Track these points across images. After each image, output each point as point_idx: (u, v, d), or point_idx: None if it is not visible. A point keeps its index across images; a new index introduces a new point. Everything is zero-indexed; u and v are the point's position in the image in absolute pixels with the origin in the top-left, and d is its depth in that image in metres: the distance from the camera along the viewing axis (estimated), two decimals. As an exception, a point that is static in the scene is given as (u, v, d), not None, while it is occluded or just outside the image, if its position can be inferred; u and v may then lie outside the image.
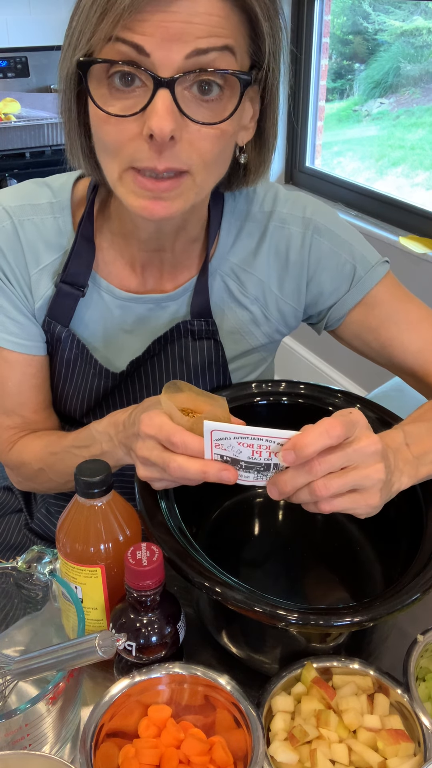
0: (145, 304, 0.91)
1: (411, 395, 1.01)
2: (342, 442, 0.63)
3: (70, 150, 0.81)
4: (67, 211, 0.89)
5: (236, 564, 0.82)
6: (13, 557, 0.74)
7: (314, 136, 2.79)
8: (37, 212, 0.89)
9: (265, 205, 0.93)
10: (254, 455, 0.65)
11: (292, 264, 0.92)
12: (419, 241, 2.24)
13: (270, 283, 0.93)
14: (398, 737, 0.62)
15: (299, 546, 0.85)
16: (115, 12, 0.64)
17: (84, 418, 0.97)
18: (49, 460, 0.89)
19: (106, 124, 0.71)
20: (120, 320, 0.92)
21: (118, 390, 0.95)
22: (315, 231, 0.91)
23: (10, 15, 2.78)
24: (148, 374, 0.94)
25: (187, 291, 0.92)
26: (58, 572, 0.73)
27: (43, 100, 2.81)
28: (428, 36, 2.47)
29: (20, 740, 0.60)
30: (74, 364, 0.93)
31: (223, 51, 0.68)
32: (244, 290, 0.93)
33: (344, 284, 0.93)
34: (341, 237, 0.93)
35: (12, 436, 0.94)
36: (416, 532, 0.74)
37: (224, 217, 0.92)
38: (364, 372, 2.61)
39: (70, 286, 0.89)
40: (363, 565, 0.83)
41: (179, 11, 0.65)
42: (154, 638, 0.67)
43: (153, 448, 0.69)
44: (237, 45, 0.69)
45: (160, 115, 0.66)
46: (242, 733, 0.62)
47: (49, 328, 0.91)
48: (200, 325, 0.91)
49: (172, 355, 0.93)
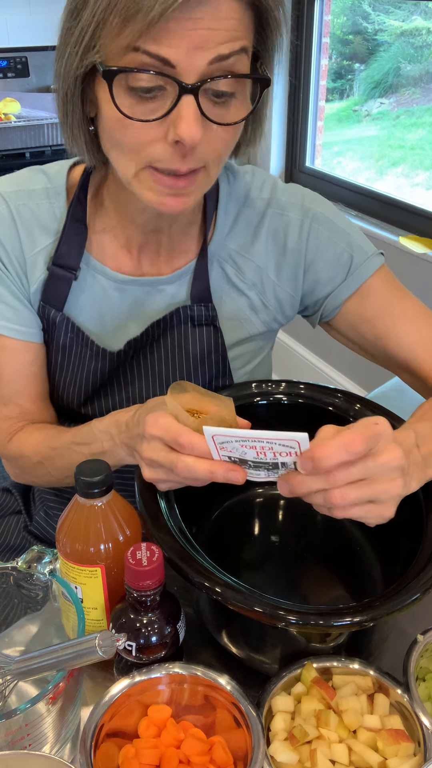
0: (141, 287, 0.92)
1: (411, 395, 1.01)
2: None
3: (72, 142, 0.81)
4: (62, 196, 0.90)
5: (236, 564, 0.82)
6: (12, 559, 0.74)
7: (314, 136, 2.79)
8: (32, 197, 0.90)
9: (264, 192, 0.93)
10: (259, 456, 0.64)
11: (290, 251, 0.93)
12: (419, 241, 2.24)
13: (268, 269, 0.94)
14: (398, 737, 0.62)
15: (299, 546, 0.85)
16: (141, 22, 0.63)
17: (82, 408, 0.96)
18: (48, 454, 0.89)
19: (128, 127, 0.71)
20: (116, 303, 0.92)
21: (116, 377, 0.94)
22: (313, 219, 0.92)
23: (10, 15, 2.78)
24: (147, 361, 0.93)
25: (184, 275, 0.92)
26: (58, 572, 0.73)
27: (43, 100, 2.81)
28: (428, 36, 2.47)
29: (20, 740, 0.60)
30: (70, 349, 0.93)
31: (240, 53, 0.69)
32: (242, 276, 0.93)
33: (341, 273, 0.93)
34: (339, 226, 0.94)
35: (10, 427, 0.94)
36: (416, 533, 0.74)
37: (221, 202, 0.92)
38: (364, 372, 2.61)
39: (61, 268, 0.89)
40: (363, 565, 0.83)
41: (203, 17, 0.65)
42: (154, 638, 0.67)
43: (159, 450, 0.69)
44: (249, 44, 0.71)
45: (189, 123, 0.67)
46: (242, 733, 0.62)
47: (44, 313, 0.91)
48: (200, 311, 0.91)
49: (171, 342, 0.92)
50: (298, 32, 2.65)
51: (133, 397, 0.95)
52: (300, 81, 2.69)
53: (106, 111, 0.72)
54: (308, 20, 2.60)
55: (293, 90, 2.73)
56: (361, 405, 0.88)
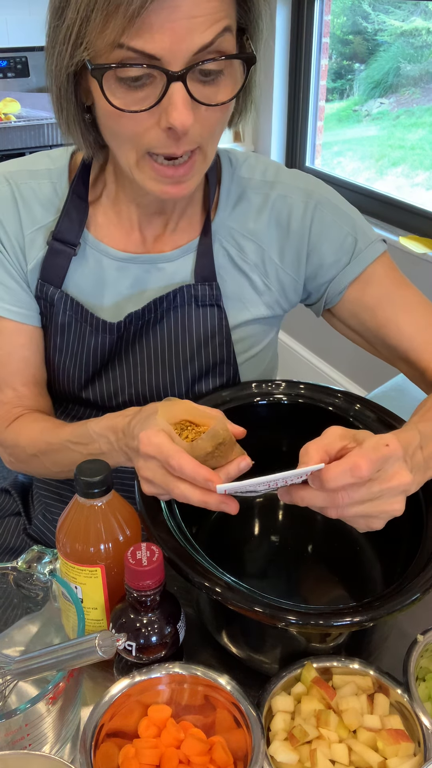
0: (141, 265, 0.92)
1: (411, 395, 1.01)
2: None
3: (67, 133, 0.82)
4: (65, 176, 0.91)
5: (236, 564, 0.82)
6: (11, 560, 0.74)
7: (314, 136, 2.79)
8: (34, 177, 0.91)
9: (268, 175, 0.94)
10: (270, 487, 0.66)
11: (293, 233, 0.93)
12: (419, 241, 2.24)
13: (270, 251, 0.94)
14: (398, 737, 0.62)
15: (299, 546, 0.85)
16: (122, 17, 0.65)
17: (83, 391, 0.95)
18: (44, 449, 0.89)
19: (120, 118, 0.72)
20: (115, 281, 0.92)
21: (117, 357, 0.94)
22: (318, 202, 0.92)
23: (10, 15, 2.78)
24: (149, 342, 0.93)
25: (185, 253, 0.92)
26: (58, 572, 0.73)
27: (43, 100, 2.81)
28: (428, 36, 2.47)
29: (20, 740, 0.60)
30: (69, 327, 0.92)
31: (224, 33, 0.70)
32: (245, 256, 0.93)
33: (345, 256, 0.93)
34: (343, 210, 0.94)
35: (7, 413, 0.94)
36: (416, 532, 0.74)
37: (224, 182, 0.93)
38: (364, 372, 2.61)
39: (61, 243, 0.90)
40: (363, 565, 0.83)
41: (182, 5, 0.65)
42: (154, 638, 0.67)
43: (156, 470, 0.69)
44: (231, 21, 0.71)
45: (180, 110, 0.69)
46: (242, 733, 0.62)
47: (42, 292, 0.91)
48: (204, 290, 0.91)
49: (175, 322, 0.92)
50: (298, 32, 2.65)
51: (135, 381, 0.94)
52: (300, 81, 2.69)
53: (101, 104, 0.73)
54: (308, 20, 2.60)
55: (293, 90, 2.73)
56: (361, 405, 0.88)
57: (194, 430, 0.72)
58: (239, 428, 0.73)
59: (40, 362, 0.96)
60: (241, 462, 0.70)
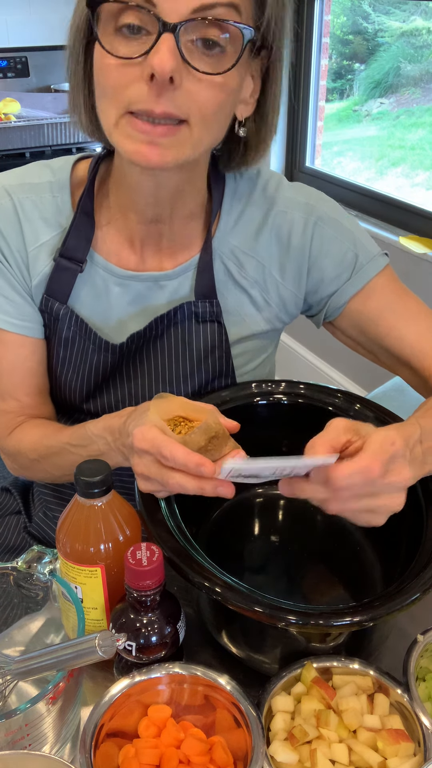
0: (143, 282, 0.91)
1: (411, 395, 1.01)
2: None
3: (73, 104, 0.82)
4: (66, 190, 0.90)
5: (236, 564, 0.82)
6: (11, 559, 0.74)
7: (314, 136, 2.79)
8: (36, 191, 0.90)
9: (269, 190, 0.93)
10: (275, 473, 0.66)
11: (294, 249, 0.92)
12: (419, 241, 2.24)
13: (271, 267, 0.93)
14: (398, 737, 0.62)
15: (299, 546, 0.85)
16: None
17: (84, 404, 0.96)
18: (44, 453, 0.89)
19: (109, 67, 0.72)
20: (119, 299, 0.92)
21: (119, 372, 0.94)
22: (318, 218, 0.92)
23: (10, 15, 2.78)
24: (150, 356, 0.93)
25: (187, 270, 0.92)
26: (58, 572, 0.73)
27: (43, 100, 2.81)
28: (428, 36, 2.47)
29: (20, 740, 0.60)
30: (72, 342, 0.92)
31: (229, 8, 0.70)
32: (244, 273, 0.93)
33: (346, 272, 0.93)
34: (344, 225, 0.93)
35: (9, 421, 0.94)
36: (416, 532, 0.74)
37: (226, 199, 0.92)
38: (364, 372, 2.61)
39: (68, 260, 0.89)
40: (363, 565, 0.83)
41: None
42: (154, 638, 0.67)
43: (150, 464, 0.70)
44: (243, 5, 0.71)
45: (162, 54, 0.68)
46: (242, 733, 0.62)
47: (47, 306, 0.91)
48: (204, 307, 0.91)
49: (175, 338, 0.92)
50: (298, 32, 2.65)
51: (136, 394, 0.95)
52: (300, 81, 2.69)
53: (96, 57, 0.74)
54: (308, 20, 2.60)
55: (293, 90, 2.73)
56: (361, 405, 0.88)
57: (187, 425, 0.72)
58: (232, 422, 0.74)
59: (44, 372, 0.96)
60: (236, 456, 0.70)
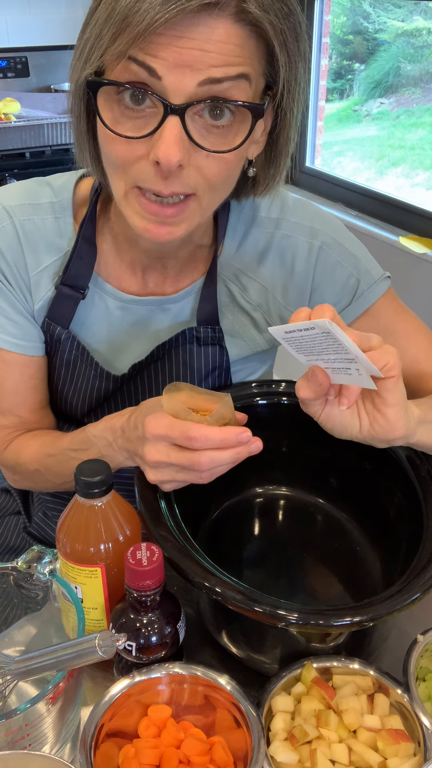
0: (146, 306, 0.91)
1: (411, 395, 1.01)
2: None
3: (79, 152, 0.80)
4: (69, 211, 0.89)
5: (236, 564, 0.82)
6: (11, 560, 0.74)
7: (314, 136, 2.79)
8: (37, 212, 0.88)
9: (272, 212, 0.91)
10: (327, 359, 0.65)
11: (298, 274, 0.91)
12: (419, 241, 2.24)
13: (274, 291, 0.93)
14: (398, 737, 0.62)
15: (299, 545, 0.85)
16: (130, 33, 0.63)
17: (85, 418, 0.96)
18: (45, 462, 0.89)
19: (114, 142, 0.70)
20: (120, 322, 0.92)
21: (120, 391, 0.94)
22: (323, 242, 0.90)
23: (10, 15, 2.77)
24: (150, 377, 0.93)
25: (189, 294, 0.91)
26: (58, 572, 0.73)
27: (43, 100, 2.81)
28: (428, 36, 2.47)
29: (20, 740, 0.60)
30: (74, 365, 0.92)
31: (238, 79, 0.66)
32: (247, 296, 0.93)
33: (346, 297, 0.92)
34: (348, 250, 0.92)
35: (6, 435, 0.94)
36: (416, 532, 0.74)
37: (230, 223, 0.91)
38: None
39: (70, 288, 0.88)
40: (363, 565, 0.83)
41: (195, 38, 0.63)
42: (154, 638, 0.67)
43: (168, 450, 0.69)
44: (252, 71, 0.68)
45: (168, 144, 0.66)
46: (242, 733, 0.62)
47: (49, 329, 0.91)
48: (206, 332, 0.91)
49: (176, 359, 0.92)
50: (298, 32, 2.64)
51: None
52: (300, 81, 2.69)
53: (100, 125, 0.72)
54: (308, 20, 2.60)
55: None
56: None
57: (197, 416, 0.72)
58: (242, 414, 0.74)
59: (46, 386, 0.96)
60: (251, 444, 0.70)
